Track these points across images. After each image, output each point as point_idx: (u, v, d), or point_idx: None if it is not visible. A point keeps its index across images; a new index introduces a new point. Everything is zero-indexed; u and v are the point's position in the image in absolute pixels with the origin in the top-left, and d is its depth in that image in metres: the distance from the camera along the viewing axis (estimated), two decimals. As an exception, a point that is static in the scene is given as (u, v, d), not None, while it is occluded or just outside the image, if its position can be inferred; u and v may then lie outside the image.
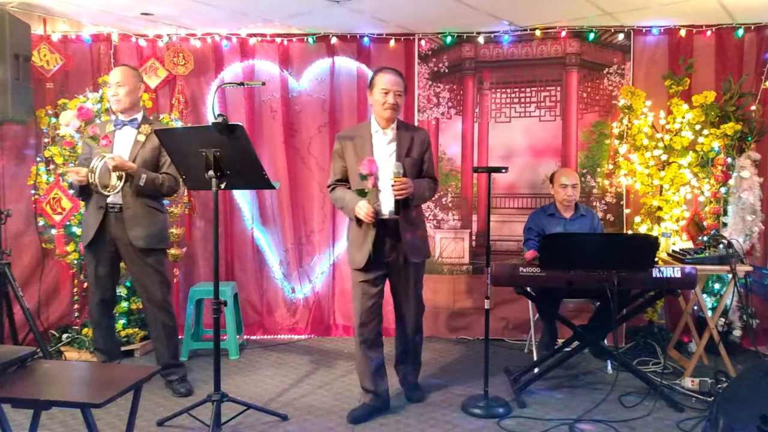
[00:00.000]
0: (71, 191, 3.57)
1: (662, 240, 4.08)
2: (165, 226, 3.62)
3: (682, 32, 4.49)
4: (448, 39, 4.68)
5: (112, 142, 3.45)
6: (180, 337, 3.92)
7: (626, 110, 4.41)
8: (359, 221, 3.18)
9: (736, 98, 4.20)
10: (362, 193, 3.15)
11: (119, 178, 3.36)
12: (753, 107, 4.29)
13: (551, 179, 4.17)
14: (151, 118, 3.80)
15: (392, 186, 3.09)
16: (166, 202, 4.14)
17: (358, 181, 3.20)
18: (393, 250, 3.25)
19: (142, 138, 3.48)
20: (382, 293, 3.31)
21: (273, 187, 3.19)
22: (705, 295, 4.21)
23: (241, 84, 3.89)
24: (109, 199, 3.42)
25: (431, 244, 4.37)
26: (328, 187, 3.42)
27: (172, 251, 4.33)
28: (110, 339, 3.71)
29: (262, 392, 3.66)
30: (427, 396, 3.57)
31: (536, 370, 3.74)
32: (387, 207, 3.19)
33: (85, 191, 3.44)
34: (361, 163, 3.11)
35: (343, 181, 3.34)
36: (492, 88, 4.73)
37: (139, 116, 3.54)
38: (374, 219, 3.11)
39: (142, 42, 4.65)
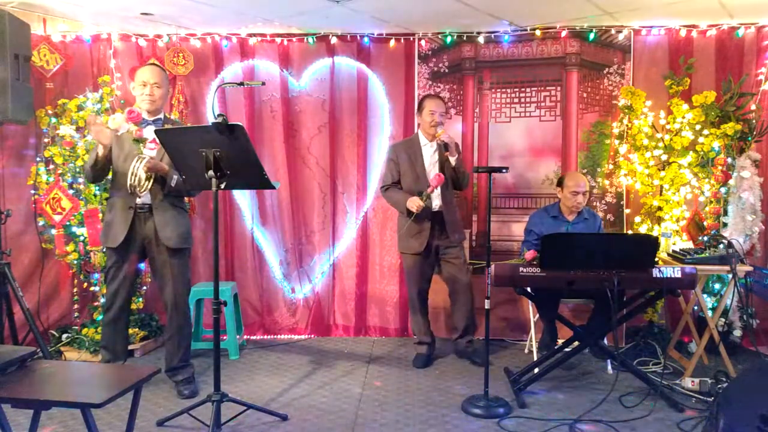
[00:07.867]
0: (91, 165, 3.42)
1: (662, 240, 4.08)
2: (190, 226, 3.64)
3: (682, 32, 4.49)
4: (448, 39, 4.68)
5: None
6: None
7: (626, 110, 4.41)
8: (410, 213, 3.93)
9: (736, 98, 4.19)
10: (421, 194, 3.91)
11: (148, 178, 3.36)
12: (753, 107, 4.29)
13: (560, 182, 4.10)
14: (171, 117, 3.84)
15: (438, 134, 3.92)
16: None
17: (411, 182, 4.03)
18: (441, 234, 4.04)
19: None
20: (432, 271, 4.17)
21: (273, 187, 3.19)
22: (705, 295, 4.20)
23: (241, 84, 3.89)
24: (138, 200, 3.43)
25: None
26: (383, 187, 4.17)
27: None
28: (122, 339, 3.67)
29: (262, 392, 3.66)
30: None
31: (536, 370, 3.74)
32: (436, 202, 4.00)
33: (102, 169, 3.39)
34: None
35: (396, 182, 4.09)
36: (492, 88, 4.73)
37: (162, 116, 3.58)
38: (421, 210, 3.87)
39: (142, 42, 4.65)
